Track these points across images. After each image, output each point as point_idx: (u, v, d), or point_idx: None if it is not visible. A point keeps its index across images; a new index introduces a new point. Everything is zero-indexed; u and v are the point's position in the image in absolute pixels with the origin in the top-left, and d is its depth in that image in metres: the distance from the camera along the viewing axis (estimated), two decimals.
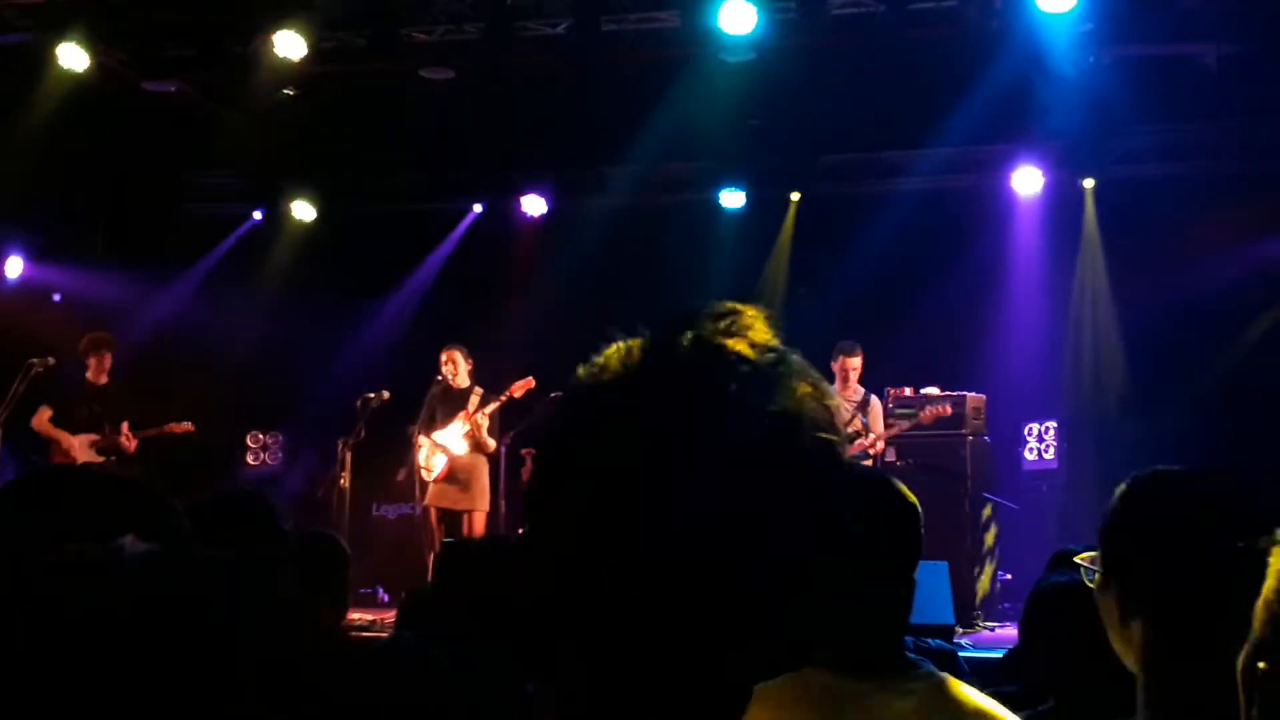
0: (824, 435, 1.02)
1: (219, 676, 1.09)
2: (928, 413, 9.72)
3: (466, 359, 10.11)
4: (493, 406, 9.82)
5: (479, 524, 9.87)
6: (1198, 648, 1.75)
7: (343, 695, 3.42)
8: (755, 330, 1.04)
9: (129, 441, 10.04)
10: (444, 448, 9.88)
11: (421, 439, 9.96)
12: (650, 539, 0.97)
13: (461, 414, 9.91)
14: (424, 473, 9.95)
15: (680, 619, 0.97)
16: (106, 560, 1.10)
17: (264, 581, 1.20)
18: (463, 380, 10.04)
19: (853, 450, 9.40)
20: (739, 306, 1.06)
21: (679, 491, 0.97)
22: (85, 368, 10.08)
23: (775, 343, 1.04)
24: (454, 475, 9.90)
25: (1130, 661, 1.87)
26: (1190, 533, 1.81)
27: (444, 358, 10.05)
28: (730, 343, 1.02)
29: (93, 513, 1.25)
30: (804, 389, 1.03)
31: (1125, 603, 1.85)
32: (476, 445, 9.89)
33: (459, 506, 9.90)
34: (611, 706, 1.00)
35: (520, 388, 9.82)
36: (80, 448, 9.87)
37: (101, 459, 9.84)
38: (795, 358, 1.04)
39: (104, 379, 10.10)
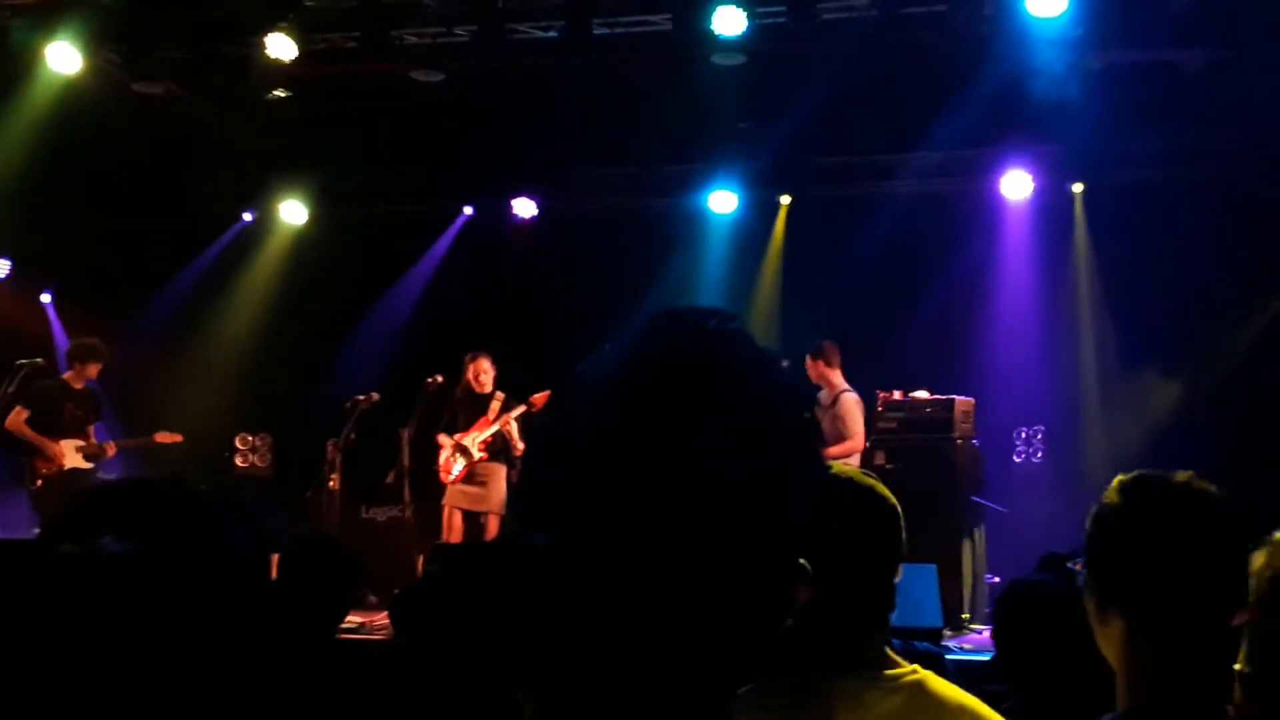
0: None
1: (192, 672, 1.09)
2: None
3: (493, 366, 10.27)
4: (517, 412, 9.97)
5: (494, 528, 9.96)
6: (1171, 642, 1.89)
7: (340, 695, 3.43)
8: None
9: (109, 448, 10.00)
10: (464, 451, 10.04)
11: (442, 439, 10.13)
12: (659, 515, 0.98)
13: (482, 419, 10.08)
14: (442, 474, 10.12)
15: (679, 602, 0.99)
16: (83, 558, 1.10)
17: (254, 579, 1.20)
18: (488, 386, 10.19)
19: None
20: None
21: (693, 465, 0.99)
22: (66, 369, 10.03)
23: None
24: (473, 478, 10.09)
25: (1110, 657, 1.95)
26: (1164, 533, 1.94)
27: (473, 367, 10.21)
28: (727, 331, 1.06)
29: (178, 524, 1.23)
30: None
31: (1102, 600, 1.97)
32: (499, 450, 10.06)
33: (476, 508, 10.08)
34: (599, 704, 1.01)
35: (541, 399, 9.88)
36: (69, 453, 9.82)
37: (90, 465, 9.79)
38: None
39: (80, 385, 10.01)
